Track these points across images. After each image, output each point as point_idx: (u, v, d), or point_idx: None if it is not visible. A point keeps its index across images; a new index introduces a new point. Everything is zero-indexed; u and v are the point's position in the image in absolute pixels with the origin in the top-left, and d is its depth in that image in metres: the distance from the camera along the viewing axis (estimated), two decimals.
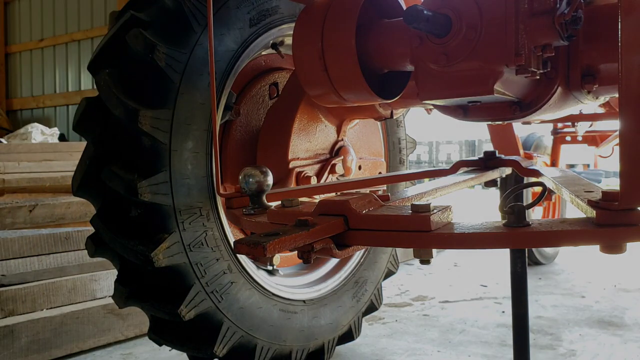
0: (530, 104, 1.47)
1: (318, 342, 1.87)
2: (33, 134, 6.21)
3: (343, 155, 1.96)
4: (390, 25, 1.50)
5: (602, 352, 2.12)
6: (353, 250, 1.00)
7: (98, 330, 2.17)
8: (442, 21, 1.27)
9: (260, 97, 1.92)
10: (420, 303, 2.82)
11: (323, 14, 1.50)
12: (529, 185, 1.22)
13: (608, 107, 2.94)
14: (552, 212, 3.83)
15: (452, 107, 1.57)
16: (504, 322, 2.47)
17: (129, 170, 1.39)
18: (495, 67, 1.27)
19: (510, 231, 0.91)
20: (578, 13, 1.27)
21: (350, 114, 1.92)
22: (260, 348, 1.64)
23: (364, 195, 1.05)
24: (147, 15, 1.43)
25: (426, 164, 14.34)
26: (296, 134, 1.79)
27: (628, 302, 2.79)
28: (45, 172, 3.79)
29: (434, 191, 1.40)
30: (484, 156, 1.95)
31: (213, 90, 1.42)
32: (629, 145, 0.87)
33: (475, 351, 2.13)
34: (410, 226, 0.92)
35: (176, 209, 1.42)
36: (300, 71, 1.56)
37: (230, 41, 1.56)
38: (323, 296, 1.92)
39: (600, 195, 0.93)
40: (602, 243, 0.89)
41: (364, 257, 2.11)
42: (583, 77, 1.42)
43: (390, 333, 2.36)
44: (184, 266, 1.44)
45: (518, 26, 1.23)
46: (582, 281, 3.24)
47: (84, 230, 2.70)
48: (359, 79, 1.46)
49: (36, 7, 8.98)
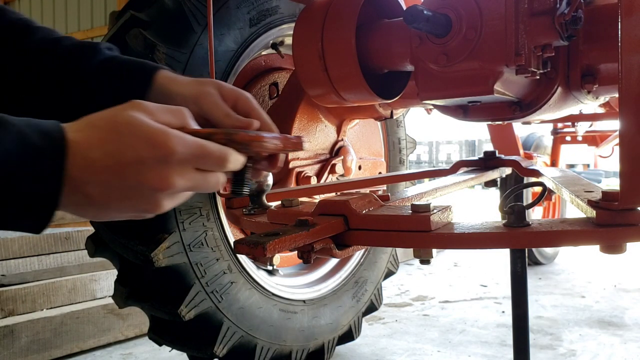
0: (530, 104, 1.47)
1: (318, 342, 1.87)
2: None
3: (343, 155, 1.96)
4: (390, 25, 1.50)
5: (602, 352, 2.12)
6: (353, 250, 1.00)
7: (98, 330, 2.17)
8: (442, 21, 1.27)
9: (260, 97, 1.92)
10: (420, 303, 2.82)
11: (323, 14, 1.50)
12: (529, 185, 1.22)
13: (608, 107, 2.94)
14: (552, 212, 3.83)
15: (452, 107, 1.57)
16: (504, 322, 2.47)
17: None
18: (495, 67, 1.27)
19: (510, 231, 0.91)
20: (578, 13, 1.27)
21: (350, 114, 1.92)
22: (260, 348, 1.64)
23: (364, 195, 1.05)
24: (147, 15, 1.43)
25: (426, 164, 14.35)
26: (296, 134, 1.79)
27: (628, 302, 2.79)
28: None
29: (434, 191, 1.40)
30: (484, 156, 1.95)
31: None
32: (629, 145, 0.87)
33: (475, 351, 2.13)
34: (410, 226, 0.92)
35: (176, 209, 1.42)
36: (300, 71, 1.56)
37: (230, 41, 1.56)
38: (323, 296, 1.92)
39: (600, 195, 0.93)
40: (602, 243, 0.89)
41: (364, 257, 2.11)
42: (583, 77, 1.42)
43: (390, 333, 2.36)
44: (184, 266, 1.44)
45: (518, 26, 1.23)
46: (582, 281, 3.24)
47: (84, 230, 2.71)
48: (359, 79, 1.46)
49: (36, 7, 8.99)
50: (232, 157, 0.69)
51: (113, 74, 0.90)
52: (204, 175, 0.67)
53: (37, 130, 0.58)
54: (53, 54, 0.90)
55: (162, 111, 0.66)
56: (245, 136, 0.71)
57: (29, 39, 0.90)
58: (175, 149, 0.63)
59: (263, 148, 0.75)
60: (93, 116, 0.64)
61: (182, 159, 0.64)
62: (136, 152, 0.61)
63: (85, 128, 0.62)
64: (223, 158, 0.67)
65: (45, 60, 0.89)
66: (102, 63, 0.91)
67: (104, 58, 0.91)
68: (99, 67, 0.90)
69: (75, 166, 0.59)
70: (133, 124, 0.63)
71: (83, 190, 0.61)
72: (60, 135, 0.59)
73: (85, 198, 0.61)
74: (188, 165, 0.65)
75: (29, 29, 0.91)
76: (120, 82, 0.89)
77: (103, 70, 0.90)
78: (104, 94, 0.89)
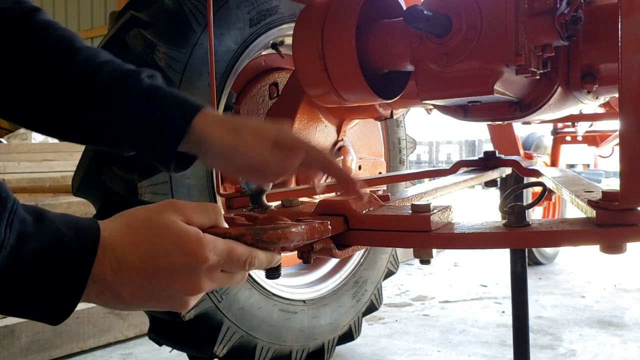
0: (530, 104, 1.47)
1: (318, 342, 1.87)
2: (33, 134, 6.20)
3: (343, 155, 1.95)
4: (390, 25, 1.50)
5: (602, 352, 2.12)
6: (353, 250, 1.00)
7: (98, 330, 2.17)
8: (442, 21, 1.27)
9: (260, 97, 1.92)
10: (420, 303, 2.82)
11: (323, 14, 1.50)
12: (529, 185, 1.22)
13: (608, 107, 2.94)
14: (552, 212, 3.83)
15: (452, 107, 1.57)
16: (504, 322, 2.47)
17: (129, 170, 1.39)
18: (495, 67, 1.27)
19: (510, 231, 0.91)
20: (578, 13, 1.27)
21: (350, 114, 1.92)
22: (260, 348, 1.64)
23: (364, 195, 1.05)
24: (147, 15, 1.43)
25: (426, 164, 14.35)
26: (296, 134, 1.78)
27: (628, 302, 2.79)
28: (45, 172, 3.79)
29: (434, 191, 1.40)
30: (484, 156, 1.95)
31: (213, 90, 1.42)
32: (629, 145, 0.87)
33: (475, 351, 2.13)
34: (410, 226, 0.92)
35: None
36: (300, 71, 1.56)
37: (230, 41, 1.56)
38: (323, 296, 1.92)
39: (600, 195, 0.93)
40: (602, 243, 0.89)
41: (364, 257, 2.11)
42: (583, 77, 1.42)
43: (390, 333, 2.36)
44: None
45: (518, 26, 1.23)
46: (582, 281, 3.24)
47: None
48: (359, 79, 1.46)
49: None
50: (257, 260, 0.72)
51: (152, 109, 0.89)
52: (230, 276, 0.71)
53: (73, 228, 0.61)
54: (94, 80, 0.89)
55: (195, 211, 0.69)
56: (273, 235, 0.73)
57: (72, 61, 0.89)
58: (208, 258, 0.65)
59: (290, 243, 0.77)
60: (131, 216, 0.67)
61: (212, 266, 0.67)
62: (170, 259, 0.64)
63: (122, 229, 0.65)
64: (250, 262, 0.71)
65: (87, 87, 0.89)
66: (142, 95, 0.90)
67: (144, 89, 0.90)
68: (138, 98, 0.89)
69: (107, 268, 0.62)
70: (168, 229, 0.65)
71: (113, 289, 0.63)
72: (95, 234, 0.62)
73: (114, 296, 0.64)
74: (217, 269, 0.68)
75: (72, 50, 0.90)
76: (158, 119, 0.89)
77: (142, 103, 0.89)
78: (141, 127, 0.90)
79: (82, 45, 0.92)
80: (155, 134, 0.89)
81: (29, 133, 6.25)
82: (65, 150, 4.52)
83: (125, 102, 0.89)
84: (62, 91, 0.88)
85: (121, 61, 0.94)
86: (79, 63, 0.89)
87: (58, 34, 0.91)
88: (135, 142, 0.91)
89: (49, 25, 0.91)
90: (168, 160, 0.91)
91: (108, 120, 0.89)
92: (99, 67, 0.90)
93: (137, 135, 0.90)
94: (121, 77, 0.90)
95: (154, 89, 0.91)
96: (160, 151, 0.91)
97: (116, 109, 0.89)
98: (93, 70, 0.90)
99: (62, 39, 0.91)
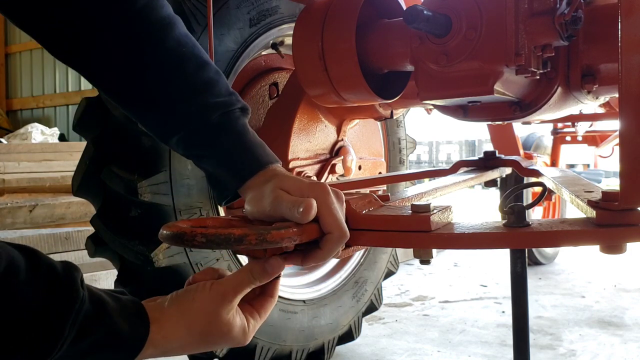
0: (530, 104, 1.47)
1: (318, 342, 1.87)
2: (33, 134, 6.20)
3: (343, 155, 1.95)
4: (390, 25, 1.49)
5: (602, 352, 2.12)
6: (353, 250, 0.99)
7: None
8: (442, 21, 1.27)
9: (260, 97, 1.92)
10: (420, 303, 2.82)
11: (323, 14, 1.50)
12: (529, 185, 1.22)
13: (608, 107, 2.93)
14: (552, 212, 3.83)
15: (452, 107, 1.57)
16: (504, 322, 2.47)
17: (129, 170, 1.39)
18: (495, 67, 1.27)
19: (510, 231, 0.91)
20: (578, 13, 1.27)
21: (350, 114, 1.92)
22: (260, 348, 1.64)
23: (364, 195, 1.05)
24: None
25: (426, 164, 14.34)
26: (296, 134, 1.78)
27: (628, 302, 2.79)
28: (45, 172, 3.78)
29: (434, 191, 1.39)
30: (484, 156, 1.94)
31: None
32: (629, 145, 0.87)
33: (475, 351, 2.13)
34: (410, 226, 0.92)
35: (176, 209, 1.42)
36: (300, 71, 1.56)
37: (230, 41, 1.56)
38: (323, 296, 1.92)
39: (600, 196, 0.93)
40: (602, 243, 0.89)
41: (364, 257, 2.11)
42: (583, 77, 1.42)
43: (390, 333, 2.36)
44: (184, 266, 1.44)
45: (518, 26, 1.23)
46: (582, 281, 3.24)
47: (84, 230, 2.71)
48: (359, 79, 1.46)
49: None
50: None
51: (235, 150, 0.92)
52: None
53: (128, 321, 0.72)
54: (188, 104, 0.92)
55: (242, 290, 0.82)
56: (276, 235, 0.77)
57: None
58: (244, 344, 0.82)
59: (292, 242, 0.79)
60: (191, 318, 0.78)
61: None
62: (214, 346, 0.81)
63: (179, 331, 0.78)
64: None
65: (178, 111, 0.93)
66: (234, 133, 0.93)
67: (237, 131, 0.93)
68: (227, 137, 0.92)
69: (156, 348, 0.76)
70: (221, 335, 0.79)
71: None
72: (144, 333, 0.74)
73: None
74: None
75: (183, 56, 0.93)
76: (235, 163, 0.93)
77: (228, 141, 0.92)
78: (208, 155, 0.94)
79: (192, 52, 0.95)
80: (221, 167, 0.94)
81: (29, 133, 6.24)
82: (65, 150, 4.51)
83: (216, 137, 0.92)
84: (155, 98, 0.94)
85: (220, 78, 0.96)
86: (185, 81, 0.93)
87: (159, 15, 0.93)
88: (203, 166, 0.97)
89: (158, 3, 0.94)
90: (224, 198, 0.97)
91: (193, 146, 0.94)
92: (194, 98, 0.92)
93: (209, 162, 0.95)
94: (215, 108, 0.92)
95: (237, 131, 0.94)
96: (223, 190, 0.96)
97: (205, 140, 0.92)
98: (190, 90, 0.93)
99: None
